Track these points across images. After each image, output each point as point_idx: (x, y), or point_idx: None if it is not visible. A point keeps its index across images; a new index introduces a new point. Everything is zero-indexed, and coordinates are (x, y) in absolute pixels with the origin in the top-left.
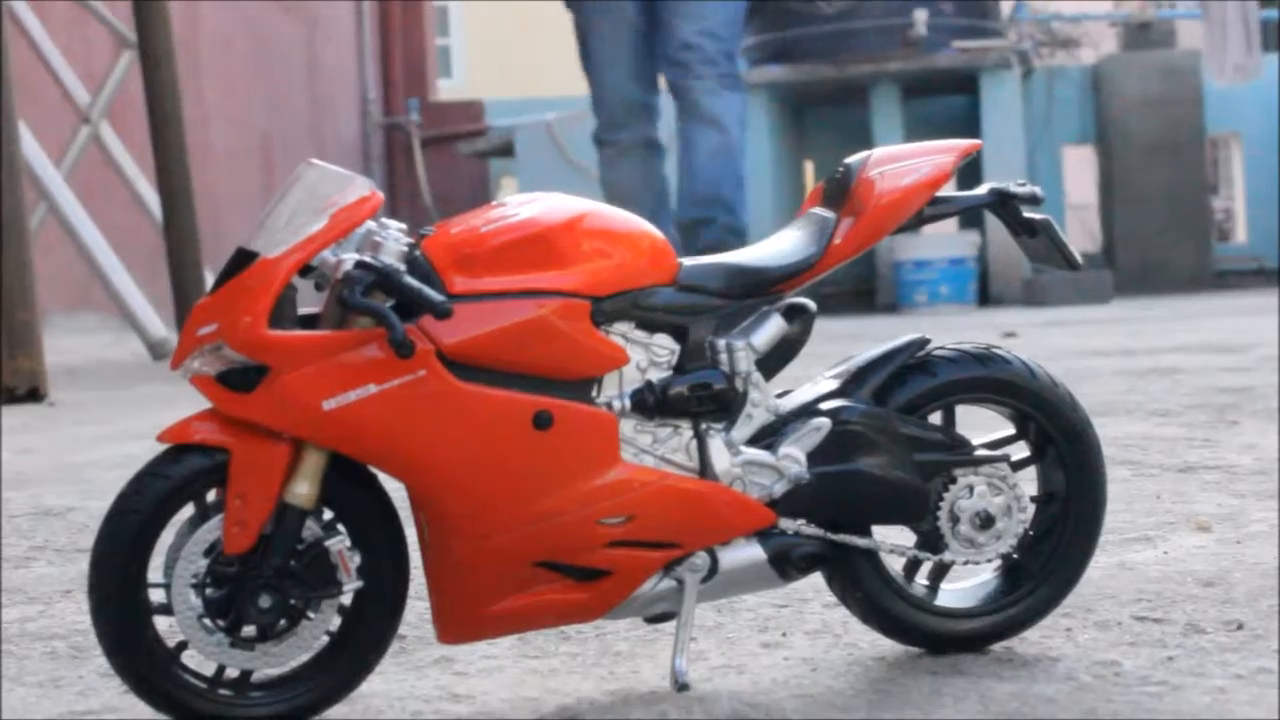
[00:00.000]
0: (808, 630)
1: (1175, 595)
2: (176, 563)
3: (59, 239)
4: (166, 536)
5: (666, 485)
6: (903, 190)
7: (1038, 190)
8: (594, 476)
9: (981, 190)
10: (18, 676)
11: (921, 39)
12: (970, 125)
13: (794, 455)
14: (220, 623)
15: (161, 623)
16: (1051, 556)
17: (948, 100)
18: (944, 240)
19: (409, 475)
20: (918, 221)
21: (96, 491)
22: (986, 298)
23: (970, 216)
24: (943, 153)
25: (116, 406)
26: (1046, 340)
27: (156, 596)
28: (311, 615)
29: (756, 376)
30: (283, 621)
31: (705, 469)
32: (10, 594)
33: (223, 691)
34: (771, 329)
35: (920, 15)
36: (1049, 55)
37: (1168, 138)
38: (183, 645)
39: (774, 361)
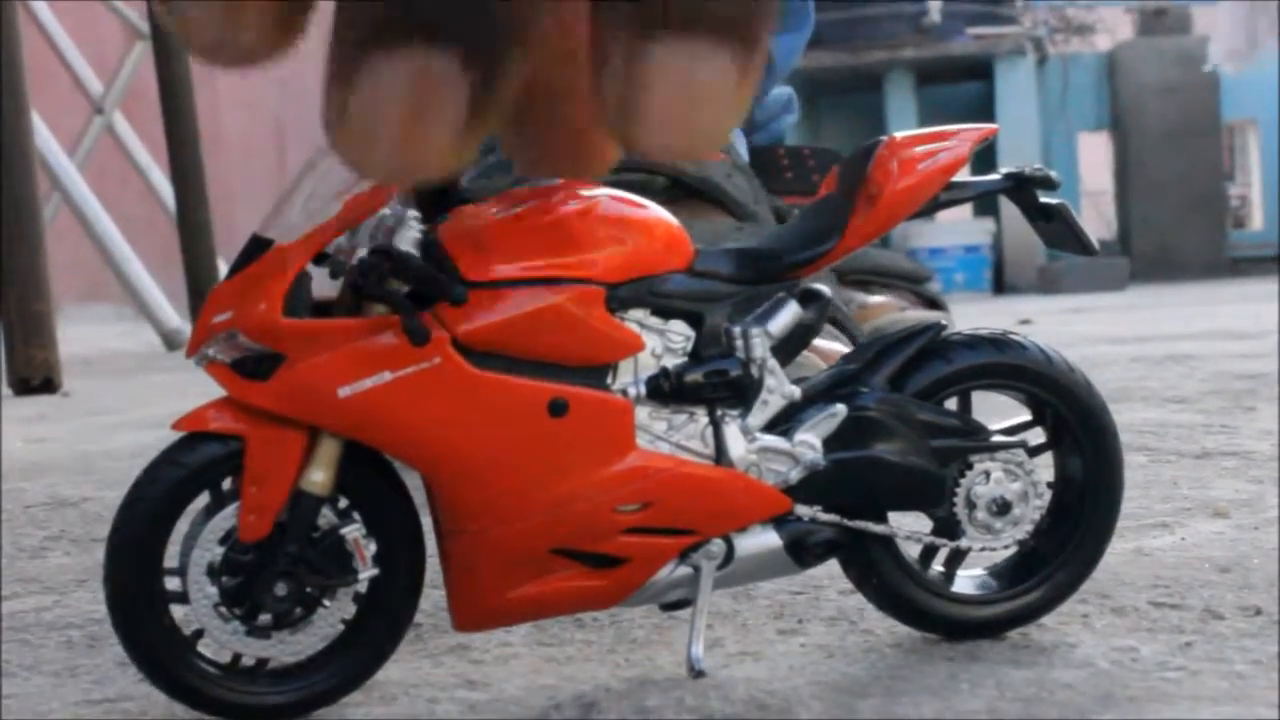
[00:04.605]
0: (824, 617)
1: (1192, 581)
2: (192, 551)
3: (72, 229)
4: (182, 525)
5: (682, 472)
6: (919, 175)
7: (1053, 174)
8: (609, 463)
9: (997, 175)
10: (34, 666)
11: (936, 26)
12: (985, 112)
13: (810, 441)
14: (236, 611)
15: (177, 611)
16: (1068, 542)
17: (962, 87)
18: (959, 228)
19: (424, 462)
20: (934, 206)
21: (111, 481)
22: (1001, 285)
23: (985, 204)
24: (959, 137)
25: (130, 396)
26: (1062, 327)
27: (172, 585)
28: (327, 603)
29: (772, 363)
30: (298, 609)
31: (721, 456)
32: (26, 584)
33: (238, 679)
34: (787, 315)
35: (935, 2)
36: (1064, 42)
37: (1183, 124)
38: (198, 633)
39: (789, 347)
